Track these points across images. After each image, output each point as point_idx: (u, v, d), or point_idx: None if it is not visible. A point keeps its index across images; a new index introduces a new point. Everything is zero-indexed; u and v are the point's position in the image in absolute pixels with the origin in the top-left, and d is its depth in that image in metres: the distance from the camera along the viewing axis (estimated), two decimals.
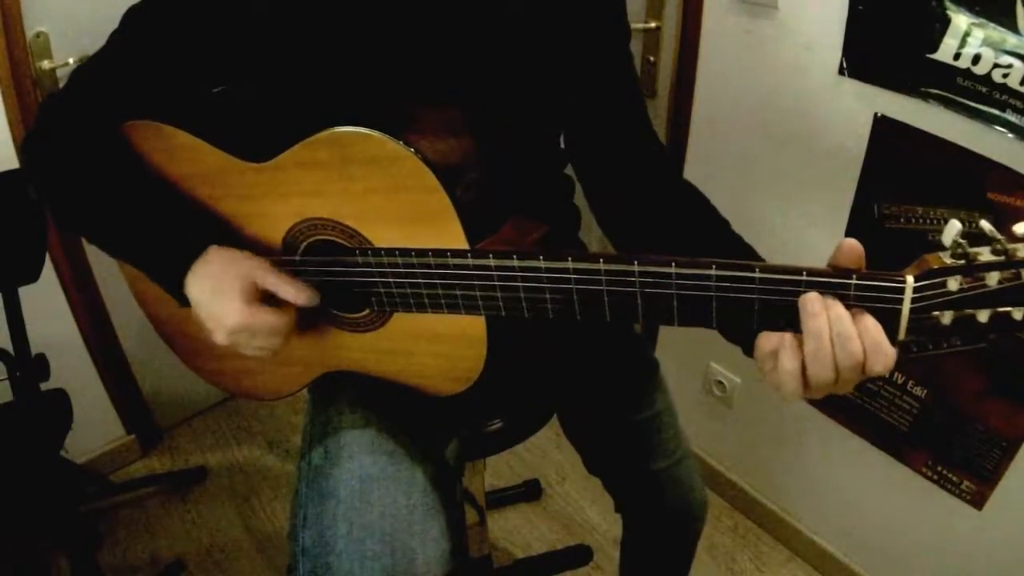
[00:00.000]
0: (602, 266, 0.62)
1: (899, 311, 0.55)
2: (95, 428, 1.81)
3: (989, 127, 1.03)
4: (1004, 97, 1.00)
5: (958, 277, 0.53)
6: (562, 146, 0.93)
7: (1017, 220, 0.53)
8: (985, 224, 0.53)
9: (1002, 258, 0.52)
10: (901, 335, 0.56)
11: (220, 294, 0.71)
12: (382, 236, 0.74)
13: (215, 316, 0.72)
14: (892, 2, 1.07)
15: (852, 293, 0.55)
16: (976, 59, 1.00)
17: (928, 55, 1.05)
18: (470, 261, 0.68)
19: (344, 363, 0.85)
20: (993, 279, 0.52)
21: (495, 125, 0.79)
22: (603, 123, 0.87)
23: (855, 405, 1.40)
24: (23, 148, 0.83)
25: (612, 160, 0.88)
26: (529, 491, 1.85)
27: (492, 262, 0.67)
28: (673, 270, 0.60)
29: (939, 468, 1.31)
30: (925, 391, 1.28)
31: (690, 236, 0.80)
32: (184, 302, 0.75)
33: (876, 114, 1.16)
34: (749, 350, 0.65)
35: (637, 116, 0.89)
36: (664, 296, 0.61)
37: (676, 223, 0.83)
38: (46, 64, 1.43)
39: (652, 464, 1.02)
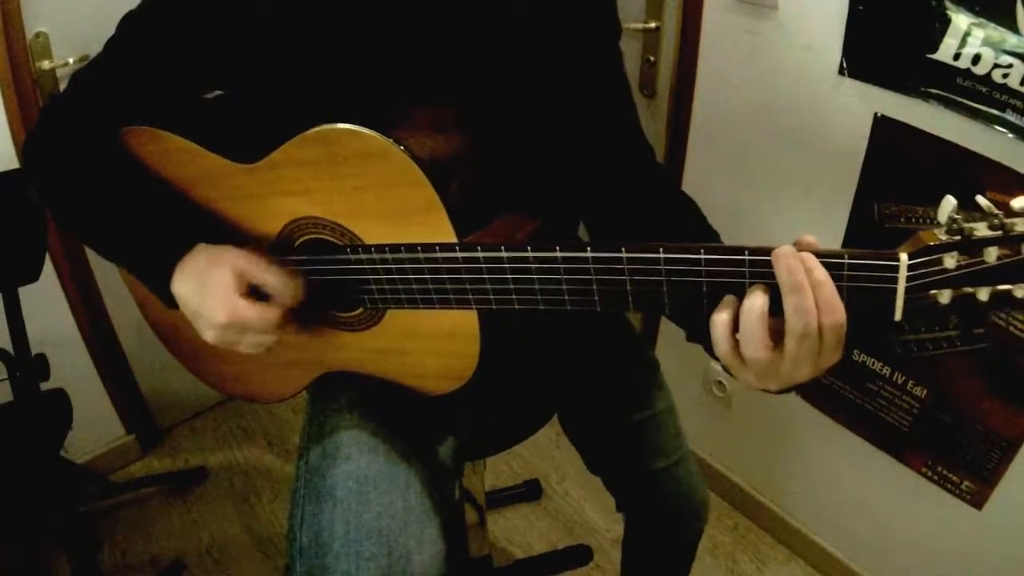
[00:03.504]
0: (590, 254, 0.61)
1: (894, 290, 0.53)
2: (95, 428, 1.82)
3: (989, 127, 1.02)
4: (1004, 97, 0.99)
5: (955, 254, 0.51)
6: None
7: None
8: (982, 199, 0.51)
9: (999, 233, 0.50)
10: (897, 315, 0.54)
11: (207, 291, 0.70)
12: (372, 233, 0.73)
13: (203, 314, 0.71)
14: (892, 2, 1.07)
15: (845, 273, 0.54)
16: (976, 59, 1.00)
17: (928, 55, 1.04)
18: (458, 255, 0.67)
19: (342, 363, 0.85)
20: (992, 255, 0.50)
21: (492, 121, 0.79)
22: (593, 119, 0.87)
23: (855, 405, 1.40)
24: (24, 149, 0.83)
25: (600, 159, 0.88)
26: (529, 491, 1.85)
27: (480, 254, 0.66)
28: (662, 255, 0.59)
29: (939, 468, 1.31)
30: (925, 391, 1.28)
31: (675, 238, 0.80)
32: (171, 303, 0.74)
33: (876, 114, 1.16)
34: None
35: (626, 114, 0.89)
36: (654, 283, 0.60)
37: (662, 225, 0.83)
38: (46, 64, 1.43)
39: (652, 464, 1.02)
